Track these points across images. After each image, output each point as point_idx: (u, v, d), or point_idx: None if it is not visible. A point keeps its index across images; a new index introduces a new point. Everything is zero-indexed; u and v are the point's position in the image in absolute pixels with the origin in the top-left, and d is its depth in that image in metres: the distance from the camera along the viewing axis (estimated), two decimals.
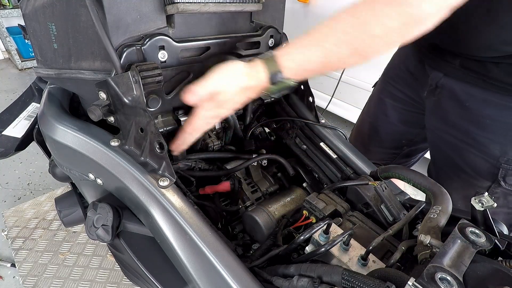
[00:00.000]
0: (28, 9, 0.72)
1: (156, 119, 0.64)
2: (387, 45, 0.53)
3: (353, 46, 0.53)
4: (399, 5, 0.49)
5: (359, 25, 0.52)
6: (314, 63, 0.56)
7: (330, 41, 0.54)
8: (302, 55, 0.56)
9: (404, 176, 0.65)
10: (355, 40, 0.52)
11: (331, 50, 0.54)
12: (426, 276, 0.37)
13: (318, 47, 0.55)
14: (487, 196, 0.48)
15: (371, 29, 0.51)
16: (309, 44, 0.56)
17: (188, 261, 0.52)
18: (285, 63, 0.57)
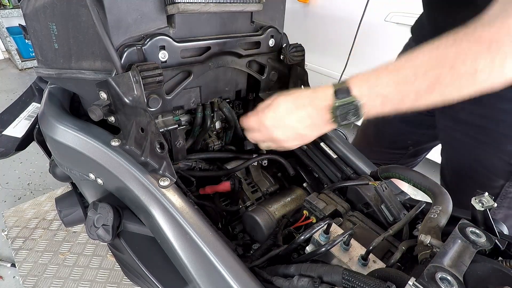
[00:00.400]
0: (29, 9, 0.73)
1: (156, 119, 0.64)
2: (472, 85, 0.47)
3: (432, 79, 0.48)
4: (489, 46, 0.44)
5: (442, 58, 0.47)
6: (387, 88, 0.51)
7: (408, 69, 0.50)
8: (375, 78, 0.52)
9: (404, 176, 0.65)
10: (435, 72, 0.48)
11: (407, 78, 0.49)
12: (426, 276, 0.37)
13: (394, 72, 0.51)
14: (487, 196, 0.48)
15: (456, 64, 0.46)
16: (385, 69, 0.52)
17: (189, 261, 0.52)
18: (355, 81, 0.53)
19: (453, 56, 0.46)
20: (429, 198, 0.61)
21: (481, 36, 0.45)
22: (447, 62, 0.46)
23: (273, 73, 0.83)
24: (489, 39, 0.44)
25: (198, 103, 0.75)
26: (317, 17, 2.37)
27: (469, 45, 0.45)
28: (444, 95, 0.49)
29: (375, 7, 1.92)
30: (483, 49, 0.44)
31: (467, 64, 0.45)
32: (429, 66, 0.48)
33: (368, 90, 0.52)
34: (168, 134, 0.69)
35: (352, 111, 0.53)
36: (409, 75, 0.49)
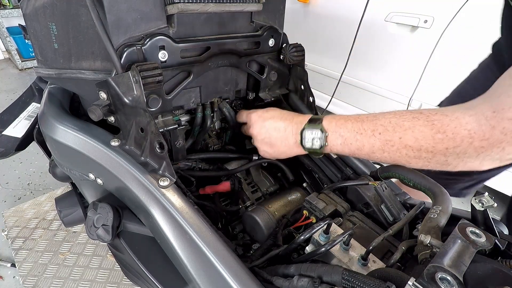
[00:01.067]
0: (29, 9, 0.73)
1: (156, 119, 0.64)
2: (418, 159, 0.53)
3: (383, 141, 0.54)
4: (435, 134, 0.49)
5: (397, 127, 0.53)
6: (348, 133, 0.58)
7: (370, 124, 0.56)
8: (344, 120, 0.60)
9: (404, 176, 0.65)
10: (387, 137, 0.54)
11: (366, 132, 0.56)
12: (426, 276, 0.37)
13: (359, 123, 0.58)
14: (487, 196, 0.48)
15: (405, 137, 0.52)
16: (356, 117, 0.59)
17: (188, 261, 0.52)
18: (329, 117, 0.62)
19: (405, 129, 0.52)
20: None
21: (434, 122, 0.49)
22: (399, 132, 0.52)
23: (273, 73, 0.83)
24: (438, 127, 0.49)
25: (198, 103, 0.75)
26: (317, 17, 2.37)
27: (422, 124, 0.50)
28: (394, 159, 0.55)
29: (375, 7, 1.92)
30: (430, 134, 0.49)
31: (412, 141, 0.51)
32: (384, 129, 0.54)
33: (334, 127, 0.60)
34: (168, 134, 0.69)
35: (315, 138, 0.62)
36: (368, 130, 0.56)
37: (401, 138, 0.52)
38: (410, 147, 0.52)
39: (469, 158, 0.48)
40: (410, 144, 0.51)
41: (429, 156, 0.51)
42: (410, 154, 0.52)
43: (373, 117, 0.56)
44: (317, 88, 2.51)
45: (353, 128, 0.57)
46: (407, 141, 0.51)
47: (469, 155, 0.47)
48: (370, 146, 0.56)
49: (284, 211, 0.73)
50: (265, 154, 0.74)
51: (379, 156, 0.56)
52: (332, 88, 2.11)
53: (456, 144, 0.47)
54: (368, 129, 0.56)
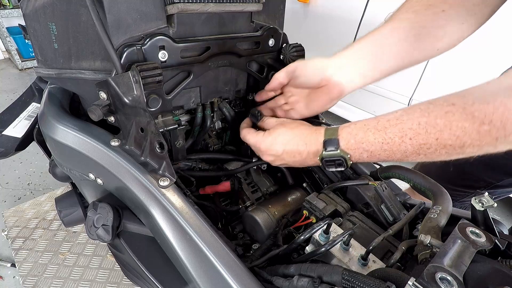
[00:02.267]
0: (29, 9, 0.73)
1: (156, 119, 0.64)
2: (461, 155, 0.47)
3: (417, 146, 0.48)
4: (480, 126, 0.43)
5: (429, 127, 0.46)
6: (373, 146, 0.51)
7: (395, 131, 0.49)
8: (363, 133, 0.53)
9: (404, 176, 0.65)
10: (420, 140, 0.47)
11: (393, 141, 0.49)
12: (426, 276, 0.37)
13: (381, 132, 0.51)
14: (487, 196, 0.48)
15: (443, 136, 0.45)
16: (374, 127, 0.52)
17: (188, 261, 0.52)
18: (344, 134, 0.54)
19: (441, 128, 0.45)
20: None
21: (474, 114, 0.43)
22: (434, 133, 0.46)
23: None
24: (481, 119, 0.42)
25: (198, 103, 0.75)
26: (317, 17, 2.37)
27: (459, 119, 0.44)
28: (431, 158, 0.49)
29: (375, 7, 1.92)
30: (473, 128, 0.43)
31: (453, 139, 0.45)
32: (415, 133, 0.47)
33: (355, 144, 0.53)
34: (168, 134, 0.69)
35: (338, 162, 0.56)
36: (395, 138, 0.49)
37: (438, 139, 0.46)
38: (450, 146, 0.45)
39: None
40: (450, 143, 0.45)
41: (475, 150, 0.44)
42: (452, 152, 0.46)
43: (396, 121, 0.50)
44: None
45: (376, 140, 0.51)
46: (446, 141, 0.45)
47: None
48: (402, 153, 0.50)
49: (284, 211, 0.73)
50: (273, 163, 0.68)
51: (414, 158, 0.50)
52: None
53: (507, 133, 0.41)
54: (395, 136, 0.49)
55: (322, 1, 2.31)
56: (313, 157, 0.59)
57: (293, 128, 0.63)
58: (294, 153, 0.61)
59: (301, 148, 0.60)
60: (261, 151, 0.66)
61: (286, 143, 0.62)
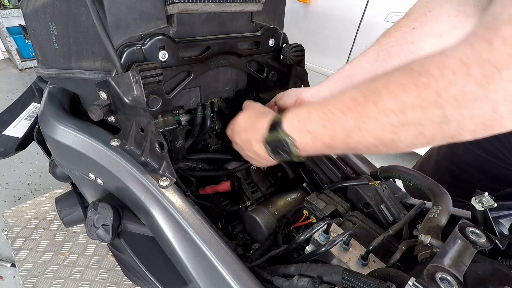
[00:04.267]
0: (29, 9, 0.72)
1: (156, 119, 0.64)
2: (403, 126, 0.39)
3: (357, 115, 0.43)
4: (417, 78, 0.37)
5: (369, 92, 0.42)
6: (315, 124, 0.47)
7: (336, 104, 0.45)
8: (306, 113, 0.49)
9: (404, 176, 0.65)
10: (360, 108, 0.42)
11: (334, 114, 0.45)
12: (426, 276, 0.37)
13: (323, 108, 0.47)
14: (487, 196, 0.48)
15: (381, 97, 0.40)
16: (318, 104, 0.48)
17: (188, 261, 0.52)
18: (289, 115, 0.51)
19: (379, 90, 0.40)
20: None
21: (413, 68, 0.38)
22: (372, 97, 0.41)
23: (273, 73, 0.83)
24: (419, 70, 0.37)
25: (198, 103, 0.75)
26: (317, 17, 2.37)
27: (397, 76, 0.39)
28: (376, 135, 0.42)
29: (375, 7, 1.92)
30: (410, 82, 0.37)
31: (391, 101, 0.39)
32: (355, 101, 0.43)
33: (298, 125, 0.49)
34: (168, 134, 0.69)
35: (281, 148, 0.52)
36: (336, 112, 0.45)
37: (376, 102, 0.40)
38: (390, 110, 0.39)
39: (474, 102, 0.34)
40: (389, 106, 0.39)
41: (419, 115, 0.37)
42: (393, 120, 0.39)
43: (340, 93, 0.46)
44: None
45: (318, 116, 0.47)
46: (385, 103, 0.39)
47: (472, 95, 0.33)
48: (343, 130, 0.44)
49: (284, 211, 0.73)
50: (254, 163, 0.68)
51: (357, 138, 0.44)
52: None
53: (447, 82, 0.35)
54: (336, 110, 0.45)
55: (322, 1, 2.31)
56: (261, 145, 0.56)
57: (247, 116, 0.62)
58: (246, 142, 0.60)
59: (250, 136, 0.58)
60: (231, 139, 0.67)
61: (240, 130, 0.62)
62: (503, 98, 0.32)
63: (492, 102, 0.33)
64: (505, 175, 0.82)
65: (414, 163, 1.17)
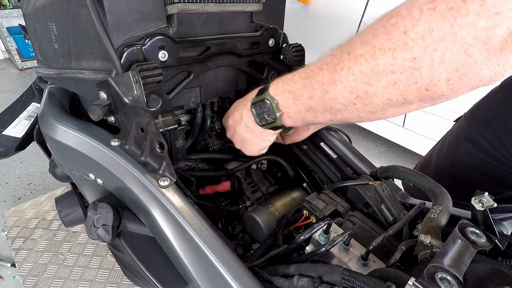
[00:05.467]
0: (29, 9, 0.73)
1: (156, 119, 0.64)
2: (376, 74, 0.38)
3: (332, 68, 0.42)
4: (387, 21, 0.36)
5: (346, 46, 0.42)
6: (296, 85, 0.49)
7: (315, 63, 0.46)
8: (290, 76, 0.51)
9: (404, 176, 0.65)
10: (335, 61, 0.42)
11: (313, 72, 0.46)
12: (426, 276, 0.37)
13: (305, 69, 0.48)
14: (487, 196, 0.48)
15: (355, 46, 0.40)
16: (302, 68, 0.50)
17: (188, 261, 0.52)
18: (275, 80, 0.54)
19: (353, 41, 0.40)
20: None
21: (386, 14, 0.37)
22: (346, 47, 0.41)
23: (273, 73, 0.83)
24: (388, 14, 0.36)
25: (198, 103, 0.75)
26: (317, 17, 2.37)
27: (370, 25, 0.39)
28: (351, 88, 0.41)
29: (375, 7, 1.92)
30: (380, 26, 0.37)
31: (362, 47, 0.38)
32: (332, 57, 0.43)
33: (282, 87, 0.51)
34: (168, 134, 0.69)
35: (266, 111, 0.54)
36: (315, 69, 0.46)
37: (350, 51, 0.40)
38: (361, 56, 0.38)
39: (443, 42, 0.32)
40: (360, 52, 0.38)
41: (389, 59, 0.36)
42: (365, 67, 0.38)
43: (324, 54, 0.46)
44: None
45: (300, 76, 0.48)
46: (357, 50, 0.39)
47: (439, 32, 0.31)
48: (320, 85, 0.44)
49: (284, 211, 0.73)
50: (249, 152, 0.70)
51: (333, 93, 0.43)
52: None
53: (414, 20, 0.33)
54: (315, 67, 0.45)
55: (322, 1, 2.31)
56: (248, 111, 0.58)
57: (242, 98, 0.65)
58: (236, 118, 0.62)
59: (240, 108, 0.61)
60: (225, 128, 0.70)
61: (232, 109, 0.66)
62: (473, 37, 0.30)
63: (461, 41, 0.31)
64: (507, 177, 0.82)
65: (414, 165, 1.17)
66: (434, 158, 1.01)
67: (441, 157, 0.98)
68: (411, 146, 2.17)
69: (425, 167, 1.05)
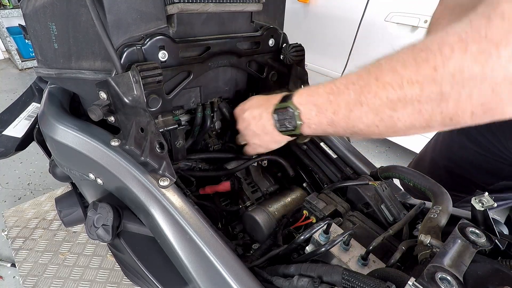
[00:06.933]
0: (29, 9, 0.73)
1: (156, 119, 0.64)
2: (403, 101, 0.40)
3: (358, 89, 0.44)
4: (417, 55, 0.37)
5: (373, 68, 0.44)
6: (321, 98, 0.50)
7: (342, 80, 0.48)
8: (315, 88, 0.53)
9: (404, 176, 0.65)
10: (362, 83, 0.44)
11: (339, 89, 0.48)
12: (426, 276, 0.37)
13: (331, 84, 0.50)
14: (487, 196, 0.48)
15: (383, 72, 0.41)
16: (327, 82, 0.51)
17: (188, 261, 0.52)
18: (300, 90, 0.56)
19: (382, 67, 0.42)
20: None
21: (415, 45, 0.39)
22: (374, 72, 0.42)
23: (273, 73, 0.83)
24: (419, 47, 0.38)
25: (198, 103, 0.75)
26: (317, 17, 2.37)
27: (399, 53, 0.40)
28: (376, 110, 0.43)
29: (375, 7, 1.92)
30: (410, 57, 0.38)
31: (391, 76, 0.40)
32: (359, 76, 0.45)
33: (306, 98, 0.53)
34: (168, 134, 0.69)
35: (288, 118, 0.56)
36: (341, 86, 0.48)
37: (378, 77, 0.41)
38: (389, 84, 0.40)
39: (472, 81, 0.33)
40: (388, 80, 0.40)
41: (417, 90, 0.37)
42: (392, 95, 0.40)
43: (349, 73, 0.47)
44: None
45: (325, 91, 0.49)
46: (385, 77, 0.40)
47: (470, 72, 0.33)
48: (346, 104, 0.46)
49: (284, 211, 0.73)
50: (255, 148, 0.71)
51: (358, 113, 0.45)
52: None
53: (445, 58, 0.34)
54: (341, 84, 0.47)
55: (322, 1, 2.31)
56: (269, 115, 0.60)
57: (263, 97, 0.66)
58: (255, 116, 0.64)
59: (262, 109, 0.62)
60: (236, 117, 0.71)
61: (252, 105, 0.66)
62: (502, 77, 0.31)
63: (491, 81, 0.32)
64: (500, 169, 0.83)
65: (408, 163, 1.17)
66: (429, 153, 1.02)
67: (436, 152, 0.99)
68: (411, 146, 2.17)
69: (421, 162, 1.06)
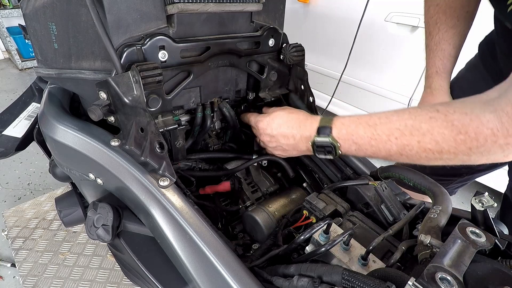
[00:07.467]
0: (29, 9, 0.73)
1: (156, 119, 0.64)
2: (438, 160, 0.51)
3: (401, 146, 0.52)
4: (456, 135, 0.47)
5: (414, 130, 0.51)
6: (362, 140, 0.56)
7: (383, 129, 0.54)
8: (355, 126, 0.57)
9: (404, 176, 0.65)
10: (404, 141, 0.52)
11: (380, 138, 0.54)
12: (426, 276, 0.37)
13: (371, 128, 0.55)
14: (487, 196, 0.48)
15: (424, 140, 0.50)
16: (366, 122, 0.56)
17: (188, 261, 0.52)
18: (337, 124, 0.59)
19: (424, 132, 0.50)
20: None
21: (453, 122, 0.47)
22: (417, 135, 0.50)
23: (273, 73, 0.83)
24: (459, 128, 0.47)
25: (198, 103, 0.75)
26: (317, 17, 2.37)
27: (440, 126, 0.48)
28: (412, 160, 0.53)
29: (375, 7, 1.92)
30: (450, 136, 0.47)
31: (433, 144, 0.49)
32: (401, 133, 0.52)
33: (346, 135, 0.58)
34: (168, 134, 0.69)
35: (328, 149, 0.61)
36: (382, 136, 0.54)
37: (420, 142, 0.50)
38: (430, 150, 0.50)
39: (493, 155, 0.47)
40: (430, 148, 0.50)
41: (451, 157, 0.49)
42: (431, 156, 0.51)
43: (386, 119, 0.54)
44: (317, 88, 2.51)
45: (366, 135, 0.56)
46: (427, 145, 0.50)
47: (494, 152, 0.46)
48: (387, 151, 0.54)
49: (284, 211, 0.73)
50: (279, 155, 0.76)
51: (396, 158, 0.55)
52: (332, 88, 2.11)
53: (479, 144, 0.45)
54: (383, 134, 0.54)
55: (322, 1, 2.31)
56: (305, 141, 0.64)
57: (291, 113, 0.69)
58: (287, 136, 0.67)
59: (295, 131, 0.66)
60: (259, 130, 0.73)
61: (282, 124, 0.68)
62: None
63: (507, 154, 0.46)
64: None
65: None
66: None
67: None
68: None
69: None
